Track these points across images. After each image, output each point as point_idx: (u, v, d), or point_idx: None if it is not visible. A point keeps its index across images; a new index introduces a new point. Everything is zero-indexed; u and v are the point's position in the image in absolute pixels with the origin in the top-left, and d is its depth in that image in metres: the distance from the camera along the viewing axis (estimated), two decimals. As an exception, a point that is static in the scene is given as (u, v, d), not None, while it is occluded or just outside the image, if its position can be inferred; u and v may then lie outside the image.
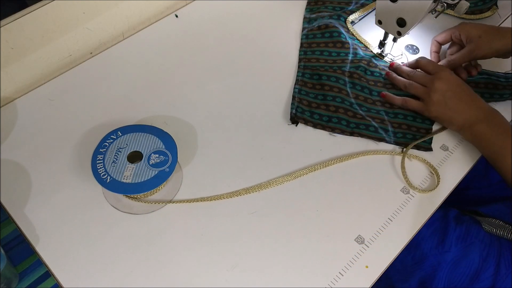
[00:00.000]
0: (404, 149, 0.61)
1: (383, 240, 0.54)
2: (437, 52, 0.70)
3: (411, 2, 0.60)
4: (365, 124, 0.63)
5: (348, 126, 0.63)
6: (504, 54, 0.65)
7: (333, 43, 0.72)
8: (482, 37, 0.64)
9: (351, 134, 0.62)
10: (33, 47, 0.63)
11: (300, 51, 0.73)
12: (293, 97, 0.66)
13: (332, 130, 0.63)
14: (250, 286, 0.50)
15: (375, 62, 0.70)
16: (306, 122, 0.63)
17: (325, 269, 0.51)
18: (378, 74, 0.69)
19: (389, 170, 0.59)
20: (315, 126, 0.63)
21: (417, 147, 0.62)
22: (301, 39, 0.74)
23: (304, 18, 0.78)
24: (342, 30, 0.74)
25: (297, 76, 0.69)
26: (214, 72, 0.69)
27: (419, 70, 0.66)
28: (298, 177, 0.58)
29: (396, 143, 0.62)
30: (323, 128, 0.63)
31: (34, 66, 0.65)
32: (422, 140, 0.61)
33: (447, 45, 0.72)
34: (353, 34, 0.75)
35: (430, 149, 0.61)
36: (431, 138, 0.62)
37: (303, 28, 0.76)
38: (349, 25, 0.76)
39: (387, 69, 0.70)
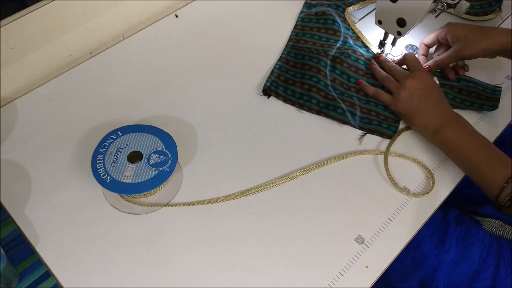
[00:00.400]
0: (364, 135, 0.62)
1: (383, 240, 0.54)
2: (425, 55, 0.70)
3: (411, 2, 0.60)
4: (334, 106, 0.64)
5: (318, 105, 0.64)
6: (490, 54, 0.65)
7: (326, 29, 0.74)
8: (468, 36, 0.64)
9: (318, 113, 0.64)
10: (33, 47, 0.63)
11: (292, 32, 0.75)
12: (272, 72, 0.69)
13: (301, 107, 0.65)
14: (250, 286, 0.50)
15: (362, 51, 0.71)
16: (278, 96, 0.66)
17: (325, 269, 0.51)
18: (362, 63, 0.69)
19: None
20: (285, 101, 0.66)
21: (380, 134, 0.63)
22: (297, 21, 0.77)
23: (305, 3, 0.80)
24: (338, 19, 0.75)
25: (281, 54, 0.71)
26: (214, 72, 0.69)
27: (404, 66, 0.67)
28: (295, 177, 0.58)
29: (360, 128, 0.63)
30: (293, 104, 0.65)
31: (34, 66, 0.65)
32: (393, 132, 0.62)
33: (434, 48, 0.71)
34: (349, 25, 0.76)
35: (390, 137, 0.62)
36: (397, 127, 0.63)
37: (301, 12, 0.78)
38: (347, 16, 0.77)
39: (372, 59, 0.70)
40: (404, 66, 0.67)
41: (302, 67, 0.68)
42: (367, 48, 0.73)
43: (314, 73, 0.67)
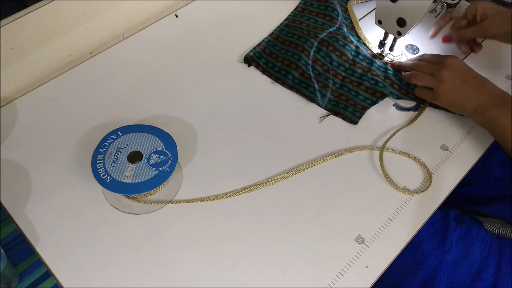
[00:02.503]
0: (328, 115, 0.64)
1: (383, 240, 0.54)
2: (436, 33, 0.71)
3: (411, 2, 0.60)
4: (307, 84, 0.67)
5: (292, 81, 0.67)
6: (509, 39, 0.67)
7: (323, 15, 0.75)
8: (497, 16, 0.66)
9: (290, 88, 0.67)
10: (33, 47, 0.63)
11: (291, 12, 0.77)
12: (259, 44, 0.72)
13: (276, 80, 0.68)
14: (250, 286, 0.50)
15: (353, 39, 0.72)
16: (257, 66, 0.69)
17: (325, 269, 0.51)
18: (348, 49, 0.70)
19: (390, 171, 0.59)
20: (263, 71, 0.69)
21: (343, 117, 0.64)
22: (299, 3, 0.79)
23: None
24: (338, 8, 0.76)
25: (274, 30, 0.74)
26: (214, 72, 0.69)
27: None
28: (296, 173, 0.58)
29: (326, 108, 0.65)
30: (270, 75, 0.69)
31: (34, 66, 0.65)
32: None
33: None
34: (349, 15, 0.77)
35: (354, 123, 0.64)
36: (362, 114, 0.64)
37: None
38: (349, 7, 0.78)
39: (362, 47, 0.71)
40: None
41: (289, 44, 0.71)
42: (358, 37, 0.74)
43: (298, 51, 0.69)
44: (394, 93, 0.66)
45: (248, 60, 0.70)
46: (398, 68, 0.68)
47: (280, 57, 0.70)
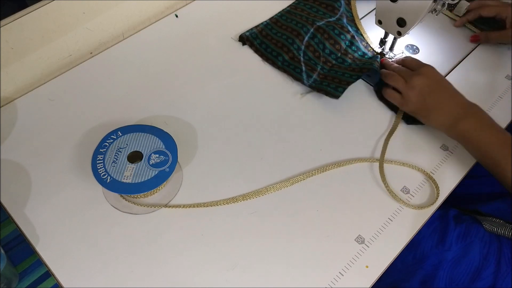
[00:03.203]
0: (309, 92, 0.65)
1: (383, 240, 0.54)
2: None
3: (411, 2, 0.60)
4: (295, 66, 0.69)
5: (282, 63, 0.70)
6: None
7: (326, 5, 0.76)
8: None
9: (278, 68, 0.69)
10: (33, 47, 0.63)
11: (296, 0, 0.78)
12: (256, 26, 0.74)
13: (266, 59, 0.70)
14: (250, 286, 0.50)
15: (350, 29, 0.72)
16: (251, 46, 0.72)
17: (325, 269, 0.51)
18: (343, 38, 0.70)
19: (390, 171, 0.59)
20: (256, 51, 0.72)
21: (326, 93, 0.65)
22: None
23: None
24: (342, 1, 0.77)
25: (275, 15, 0.76)
26: (214, 72, 0.69)
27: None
28: (296, 182, 0.58)
29: (309, 86, 0.67)
30: (261, 55, 0.71)
31: (34, 66, 0.65)
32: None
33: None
34: (351, 9, 0.78)
35: (336, 97, 0.64)
36: (344, 89, 0.64)
37: None
38: (353, 3, 0.79)
39: (358, 37, 0.72)
40: None
41: (286, 28, 0.72)
42: (356, 28, 0.75)
43: (293, 35, 0.71)
44: (379, 71, 0.67)
45: (243, 39, 0.71)
46: (383, 66, 0.69)
47: (275, 40, 0.71)
